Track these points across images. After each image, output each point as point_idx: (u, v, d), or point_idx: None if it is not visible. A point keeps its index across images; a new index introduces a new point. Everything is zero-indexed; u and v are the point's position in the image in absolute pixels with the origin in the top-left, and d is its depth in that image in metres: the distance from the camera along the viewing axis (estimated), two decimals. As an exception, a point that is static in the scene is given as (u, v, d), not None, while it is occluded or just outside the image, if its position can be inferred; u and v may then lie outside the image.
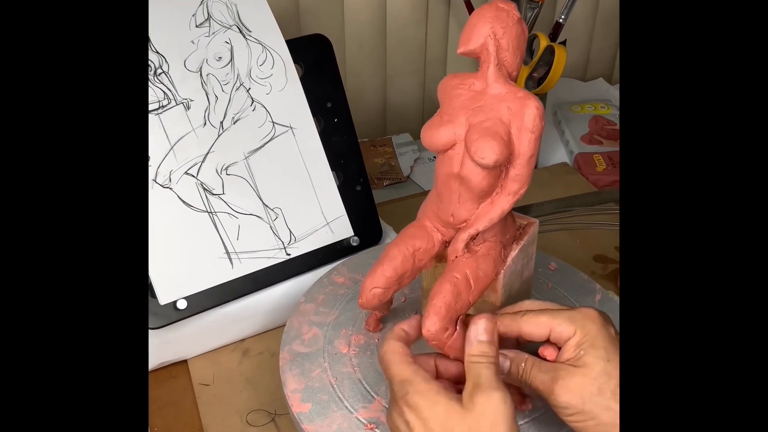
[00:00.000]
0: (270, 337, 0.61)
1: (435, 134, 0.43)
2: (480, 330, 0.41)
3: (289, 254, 0.60)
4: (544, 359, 0.42)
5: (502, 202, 0.42)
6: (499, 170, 0.42)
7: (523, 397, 0.46)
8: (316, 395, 0.48)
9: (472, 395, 0.38)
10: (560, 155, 0.90)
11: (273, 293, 0.60)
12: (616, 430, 0.38)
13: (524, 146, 0.41)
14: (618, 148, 0.87)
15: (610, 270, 0.69)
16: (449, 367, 0.44)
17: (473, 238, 0.44)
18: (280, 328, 0.56)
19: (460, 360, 0.42)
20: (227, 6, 0.61)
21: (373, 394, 0.48)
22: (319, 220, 0.62)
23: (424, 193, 0.82)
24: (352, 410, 0.47)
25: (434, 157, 0.88)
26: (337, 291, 0.57)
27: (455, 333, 0.42)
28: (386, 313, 0.53)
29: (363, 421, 0.46)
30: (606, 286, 0.65)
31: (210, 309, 0.58)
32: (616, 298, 0.54)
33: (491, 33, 0.40)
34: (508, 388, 0.39)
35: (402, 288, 0.47)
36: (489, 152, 0.40)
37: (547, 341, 0.42)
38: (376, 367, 0.50)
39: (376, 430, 0.46)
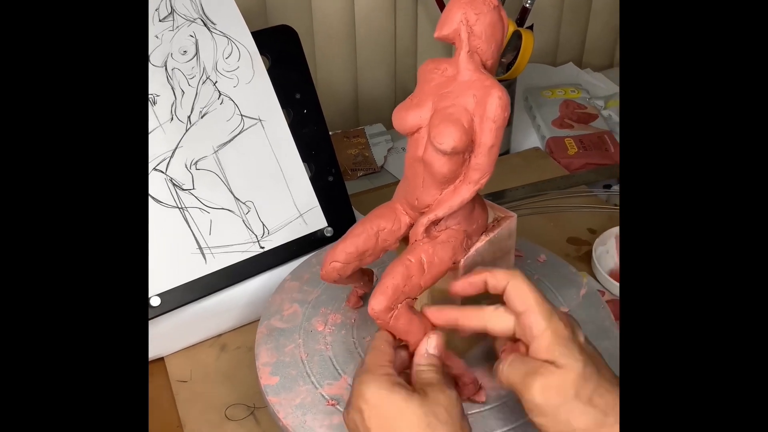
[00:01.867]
0: (247, 331, 0.61)
1: (404, 116, 0.43)
2: (432, 345, 0.43)
3: (262, 247, 0.60)
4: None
5: (463, 191, 0.42)
6: (461, 158, 0.42)
7: (480, 389, 0.46)
8: (286, 369, 0.50)
9: (425, 391, 0.40)
10: (532, 140, 0.90)
11: (248, 287, 0.60)
12: None
13: (485, 136, 0.41)
14: (588, 132, 0.88)
15: (584, 252, 0.70)
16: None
17: (434, 223, 0.44)
18: (257, 322, 0.56)
19: (403, 341, 0.43)
20: (190, -1, 0.60)
21: (340, 371, 0.49)
22: (292, 212, 0.62)
23: (398, 183, 0.82)
24: (317, 386, 0.48)
25: (407, 146, 0.89)
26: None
27: (397, 313, 0.43)
28: (367, 291, 0.53)
29: (326, 397, 0.47)
30: (580, 267, 0.66)
31: (185, 305, 0.57)
32: (599, 294, 0.54)
33: (464, 19, 0.40)
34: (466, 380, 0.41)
35: (363, 265, 0.47)
36: (447, 138, 0.40)
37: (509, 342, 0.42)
38: (347, 346, 0.51)
39: (337, 406, 0.47)
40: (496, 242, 0.47)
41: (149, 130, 0.57)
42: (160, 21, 0.59)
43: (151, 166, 0.57)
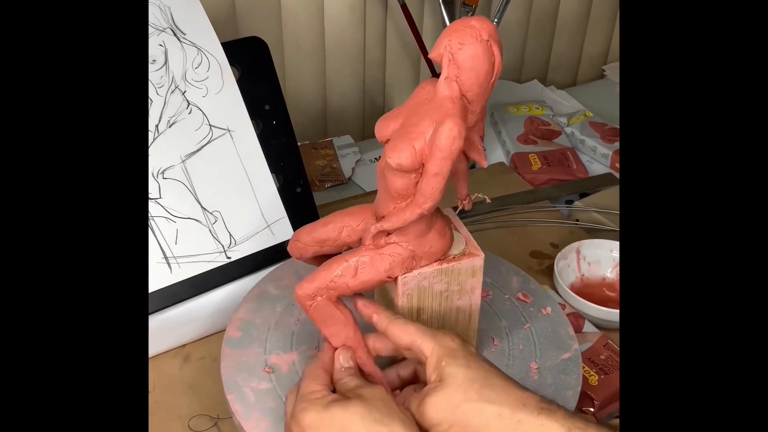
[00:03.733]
0: (211, 341, 0.61)
1: (381, 125, 0.45)
2: (344, 359, 0.46)
3: (229, 257, 0.60)
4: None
5: (408, 211, 0.43)
6: (413, 177, 0.43)
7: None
8: (250, 330, 0.54)
9: (356, 393, 0.42)
10: (498, 155, 0.92)
11: (214, 297, 0.60)
12: (491, 430, 0.39)
13: (430, 162, 0.41)
14: (552, 148, 0.90)
15: (546, 265, 0.71)
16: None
17: (385, 234, 0.45)
18: (221, 332, 0.56)
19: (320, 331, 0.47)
20: (160, 9, 0.60)
21: (294, 347, 0.53)
22: (260, 223, 0.62)
23: (366, 194, 0.83)
24: (266, 352, 0.52)
25: (375, 159, 0.90)
26: None
27: (317, 304, 0.46)
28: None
29: (267, 363, 0.51)
30: (542, 281, 0.67)
31: (149, 315, 0.57)
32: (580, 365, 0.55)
33: (448, 45, 0.40)
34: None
35: (322, 252, 0.49)
36: (395, 155, 0.42)
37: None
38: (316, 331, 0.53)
39: (271, 374, 0.50)
40: (450, 274, 0.48)
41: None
42: (129, 29, 0.59)
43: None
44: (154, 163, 0.58)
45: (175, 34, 0.60)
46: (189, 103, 0.60)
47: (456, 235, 0.49)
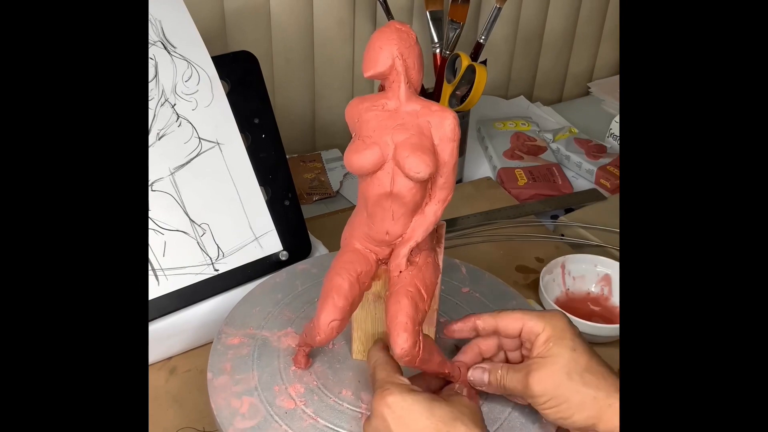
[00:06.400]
0: (198, 354, 0.60)
1: (361, 158, 0.43)
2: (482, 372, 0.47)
3: (217, 270, 0.60)
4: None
5: (435, 210, 0.45)
6: (427, 182, 0.44)
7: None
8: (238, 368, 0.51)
9: (450, 398, 0.43)
10: (484, 170, 0.93)
11: (201, 309, 0.60)
12: (584, 409, 0.42)
13: (448, 155, 0.43)
14: (538, 163, 0.91)
15: (531, 280, 0.72)
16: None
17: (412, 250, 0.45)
18: (208, 345, 0.56)
19: (428, 371, 0.46)
20: (151, 22, 0.60)
21: (254, 367, 0.51)
22: (248, 235, 0.62)
23: (353, 207, 0.83)
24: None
25: (363, 172, 0.90)
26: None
27: (422, 345, 0.44)
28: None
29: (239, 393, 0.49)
30: (527, 295, 0.68)
31: (135, 327, 0.57)
32: (538, 307, 0.57)
33: (398, 53, 0.42)
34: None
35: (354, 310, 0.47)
36: (423, 166, 0.42)
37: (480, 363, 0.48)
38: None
39: (250, 397, 0.48)
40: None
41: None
42: (120, 42, 0.59)
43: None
44: (143, 175, 0.58)
45: (165, 48, 0.61)
46: (178, 116, 0.61)
47: None
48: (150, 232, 0.58)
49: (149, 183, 0.59)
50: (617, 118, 0.99)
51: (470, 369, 0.48)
